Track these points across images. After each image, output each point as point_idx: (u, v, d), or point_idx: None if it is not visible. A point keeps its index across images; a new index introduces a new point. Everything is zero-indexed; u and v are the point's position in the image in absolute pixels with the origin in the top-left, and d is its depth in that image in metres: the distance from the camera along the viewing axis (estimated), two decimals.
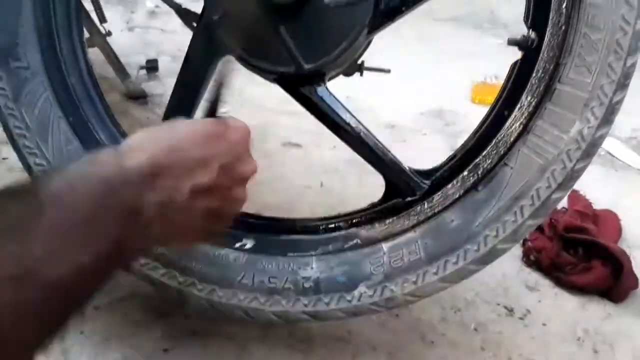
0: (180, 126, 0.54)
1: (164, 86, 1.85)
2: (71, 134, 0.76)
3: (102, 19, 1.63)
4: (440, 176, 0.73)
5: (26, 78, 0.75)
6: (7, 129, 0.76)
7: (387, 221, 0.74)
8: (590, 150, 0.62)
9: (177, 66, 2.34)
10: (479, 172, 0.69)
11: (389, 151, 0.75)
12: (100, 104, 0.80)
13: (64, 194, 0.43)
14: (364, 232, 0.74)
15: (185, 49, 0.78)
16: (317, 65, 0.69)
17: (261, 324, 0.81)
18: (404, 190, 0.74)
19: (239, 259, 0.75)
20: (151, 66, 1.88)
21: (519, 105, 0.67)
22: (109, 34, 1.64)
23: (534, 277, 1.08)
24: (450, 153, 0.75)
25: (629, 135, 1.77)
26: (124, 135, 0.80)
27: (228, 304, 0.74)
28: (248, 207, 0.79)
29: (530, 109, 0.66)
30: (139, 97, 1.66)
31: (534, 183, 0.64)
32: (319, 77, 0.72)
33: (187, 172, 0.50)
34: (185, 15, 0.85)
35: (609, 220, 1.23)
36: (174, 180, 0.50)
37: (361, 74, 0.93)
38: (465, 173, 0.70)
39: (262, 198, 1.27)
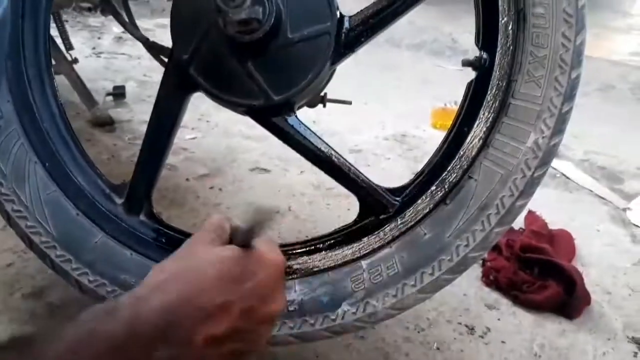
0: (205, 263, 0.51)
1: (131, 112, 1.86)
2: (48, 179, 0.77)
3: (69, 46, 1.64)
4: (410, 192, 0.76)
5: (0, 127, 0.77)
6: None
7: (364, 239, 0.76)
8: (546, 158, 0.67)
9: (144, 92, 2.35)
10: (446, 186, 0.72)
11: (361, 173, 0.78)
12: (76, 148, 0.82)
13: (67, 356, 0.43)
14: (343, 251, 0.77)
15: (152, 75, 0.80)
16: (286, 96, 0.73)
17: None
18: (377, 208, 0.76)
19: None
20: (118, 92, 1.88)
21: (477, 122, 0.71)
22: (75, 61, 1.64)
23: (493, 296, 1.13)
24: (412, 176, 0.78)
25: (581, 158, 1.87)
26: (101, 177, 0.82)
27: None
28: None
29: (488, 124, 0.70)
30: (106, 124, 1.66)
31: (498, 193, 0.68)
32: (289, 106, 0.76)
33: (203, 320, 0.47)
34: (152, 48, 0.87)
35: (564, 240, 1.29)
36: (188, 331, 0.47)
37: (324, 106, 0.97)
38: (434, 188, 0.73)
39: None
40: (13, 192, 0.76)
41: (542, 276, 1.12)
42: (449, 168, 0.73)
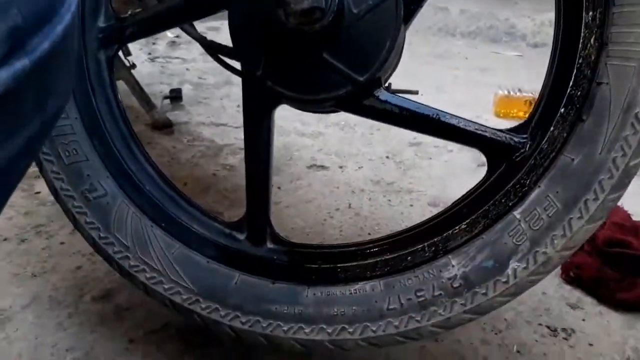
0: None
1: (188, 114, 1.87)
2: (169, 238, 0.78)
3: (127, 52, 1.67)
4: (537, 125, 0.69)
5: (108, 204, 0.78)
6: (108, 258, 0.79)
7: (506, 189, 0.69)
8: None
9: (200, 94, 2.39)
10: (576, 103, 0.65)
11: (474, 121, 0.72)
12: (184, 201, 0.82)
13: None
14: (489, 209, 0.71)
15: (206, 77, 0.79)
16: (372, 72, 0.68)
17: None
18: (507, 152, 0.70)
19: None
20: (175, 95, 1.90)
21: (583, 24, 0.65)
22: (133, 66, 1.67)
23: (575, 294, 1.04)
24: (477, 168, 0.72)
25: None
26: (217, 220, 0.82)
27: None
28: (278, 230, 0.78)
29: (597, 20, 0.64)
30: (165, 127, 1.68)
31: (638, 87, 0.61)
32: (377, 82, 0.71)
33: None
34: (210, 47, 0.85)
35: None
36: None
37: None
38: (562, 109, 0.66)
39: (291, 221, 1.26)
40: (142, 262, 0.77)
41: (630, 272, 1.02)
42: (571, 84, 0.65)
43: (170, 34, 2.70)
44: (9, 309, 0.94)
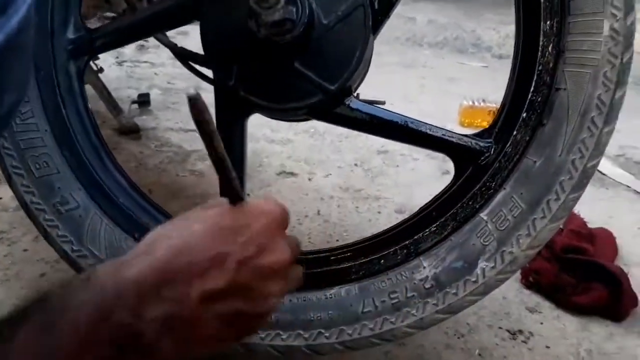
0: (193, 220, 0.47)
1: (156, 119, 1.86)
2: None
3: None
4: (501, 130, 0.72)
5: (80, 216, 0.78)
6: (81, 271, 0.78)
7: (473, 192, 0.72)
8: (628, 41, 0.63)
9: (168, 99, 2.36)
10: (537, 108, 0.68)
11: (442, 128, 0.75)
12: (152, 207, 0.83)
13: (51, 327, 0.40)
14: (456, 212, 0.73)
15: (175, 82, 0.79)
16: (342, 81, 0.70)
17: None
18: (472, 156, 0.72)
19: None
20: (143, 100, 1.89)
21: (541, 34, 0.68)
22: (100, 70, 1.65)
23: (534, 299, 1.09)
24: (442, 176, 0.75)
25: (617, 153, 1.81)
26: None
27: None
28: None
29: (555, 30, 0.67)
30: (132, 132, 1.67)
31: (593, 92, 0.64)
32: (347, 91, 0.73)
33: (197, 274, 0.43)
34: (180, 54, 0.86)
35: (605, 239, 1.24)
36: (180, 288, 0.43)
37: None
38: (524, 114, 0.69)
39: None
40: None
41: (585, 278, 1.07)
42: (532, 90, 0.69)
43: None
44: None
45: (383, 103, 0.94)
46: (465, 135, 0.74)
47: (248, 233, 0.46)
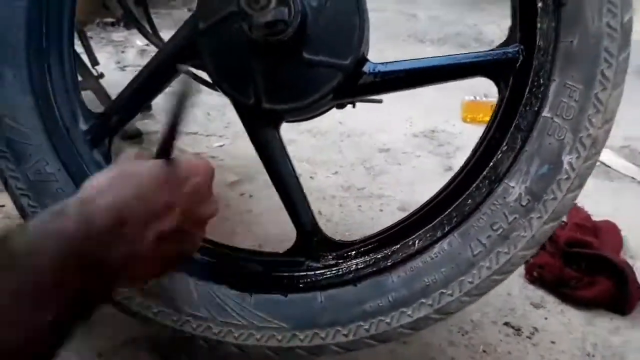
0: (139, 171, 0.53)
1: (157, 123, 1.86)
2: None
3: (94, 62, 1.65)
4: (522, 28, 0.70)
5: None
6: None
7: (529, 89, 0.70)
8: None
9: (169, 103, 2.32)
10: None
11: (465, 53, 0.75)
12: None
13: (24, 256, 0.44)
14: None
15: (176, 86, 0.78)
16: (354, 52, 0.69)
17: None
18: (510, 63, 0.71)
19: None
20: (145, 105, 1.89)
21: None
22: (101, 76, 1.65)
23: (539, 294, 1.08)
24: (445, 173, 0.74)
25: (622, 145, 1.79)
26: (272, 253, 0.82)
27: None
28: (250, 238, 0.79)
29: None
30: (134, 136, 1.67)
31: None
32: (362, 59, 0.72)
33: (152, 217, 0.51)
34: (195, 78, 0.85)
35: (610, 232, 1.23)
36: (140, 227, 0.50)
37: (353, 106, 0.94)
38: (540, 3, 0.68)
39: (264, 229, 1.27)
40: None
41: (590, 271, 1.07)
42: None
43: (140, 41, 2.68)
44: None
45: (380, 102, 0.95)
46: (492, 50, 0.73)
47: (189, 186, 0.54)
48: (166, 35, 1.07)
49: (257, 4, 0.62)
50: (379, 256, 0.74)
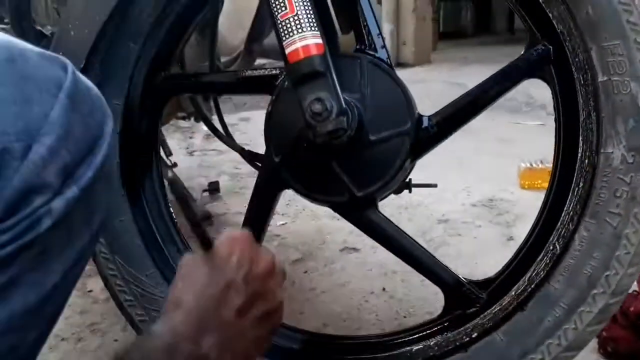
0: (194, 271, 0.60)
1: (226, 205, 1.98)
2: None
3: (168, 152, 1.80)
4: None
5: None
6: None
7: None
8: None
9: (236, 184, 2.48)
10: None
11: (444, 265, 0.81)
12: None
13: None
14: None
15: (242, 167, 0.89)
16: (369, 191, 0.78)
17: None
18: (463, 302, 0.78)
19: None
20: (213, 188, 2.02)
21: None
22: (174, 165, 1.80)
23: None
24: (506, 242, 0.78)
25: None
26: None
27: None
28: (316, 318, 0.83)
29: None
30: (205, 219, 1.79)
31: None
32: (371, 202, 0.81)
33: (223, 301, 0.57)
34: (248, 156, 0.96)
35: None
36: (217, 314, 0.57)
37: (410, 191, 0.99)
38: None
39: (327, 308, 1.31)
40: None
41: None
42: None
43: (205, 127, 2.88)
44: None
45: (435, 186, 1.00)
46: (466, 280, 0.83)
47: (234, 260, 0.60)
48: (227, 118, 1.19)
49: (319, 116, 0.71)
50: None
